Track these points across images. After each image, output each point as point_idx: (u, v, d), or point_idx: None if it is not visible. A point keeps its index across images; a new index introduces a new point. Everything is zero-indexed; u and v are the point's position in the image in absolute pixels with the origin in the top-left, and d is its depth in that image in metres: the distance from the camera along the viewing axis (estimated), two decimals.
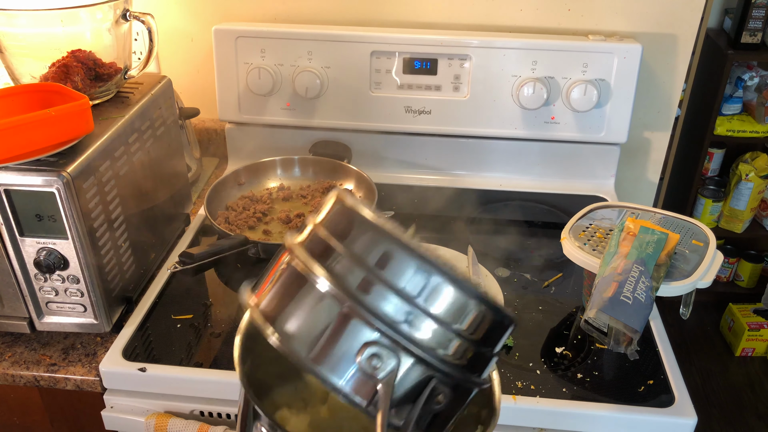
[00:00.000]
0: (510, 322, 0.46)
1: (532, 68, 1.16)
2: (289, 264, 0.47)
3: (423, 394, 0.44)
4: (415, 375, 0.43)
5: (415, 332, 0.43)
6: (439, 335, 0.43)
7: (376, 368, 0.42)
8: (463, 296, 0.43)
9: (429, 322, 0.43)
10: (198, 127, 1.35)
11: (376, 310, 0.42)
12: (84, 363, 0.86)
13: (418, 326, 0.43)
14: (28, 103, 0.83)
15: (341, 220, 0.46)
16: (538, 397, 0.80)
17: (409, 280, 0.43)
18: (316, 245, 0.46)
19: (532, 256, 1.07)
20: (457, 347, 0.44)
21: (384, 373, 0.42)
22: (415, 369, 0.43)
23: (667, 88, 1.26)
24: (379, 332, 0.42)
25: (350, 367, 0.43)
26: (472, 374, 0.46)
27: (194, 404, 0.85)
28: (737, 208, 2.36)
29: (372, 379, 0.43)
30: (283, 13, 1.26)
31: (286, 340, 0.44)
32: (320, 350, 0.43)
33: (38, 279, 0.82)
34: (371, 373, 0.42)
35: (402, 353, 0.43)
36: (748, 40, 2.10)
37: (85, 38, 0.91)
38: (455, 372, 0.44)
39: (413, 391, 0.44)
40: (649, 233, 0.84)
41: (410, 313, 0.42)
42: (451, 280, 0.43)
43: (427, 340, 0.43)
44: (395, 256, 0.43)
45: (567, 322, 0.93)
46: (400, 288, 0.43)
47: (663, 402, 0.80)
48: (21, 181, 0.76)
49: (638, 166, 1.33)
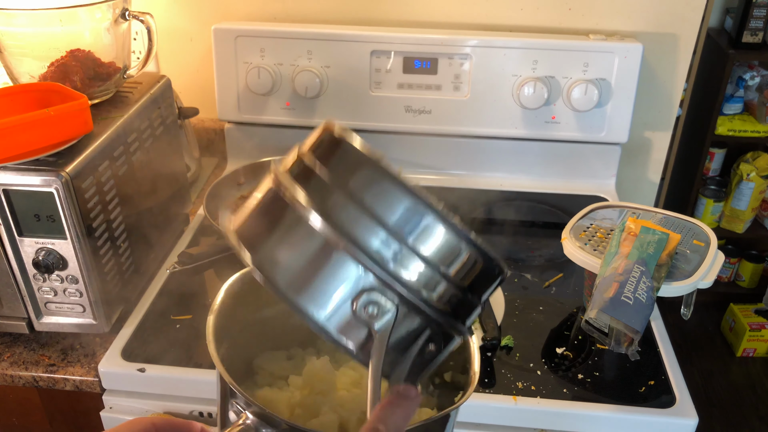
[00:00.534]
0: (500, 271, 0.45)
1: (532, 68, 1.15)
2: (274, 193, 0.45)
3: (416, 344, 0.44)
4: (410, 324, 0.43)
5: (405, 272, 0.41)
6: (428, 277, 0.42)
7: (372, 316, 0.41)
8: (456, 239, 0.42)
9: (419, 262, 0.41)
10: (197, 126, 1.35)
11: (367, 247, 0.41)
12: (83, 363, 0.86)
13: (408, 266, 0.41)
14: (27, 102, 0.82)
15: (331, 151, 0.44)
16: (539, 397, 0.80)
17: (402, 219, 0.41)
18: (304, 175, 0.44)
19: (532, 257, 1.07)
20: (444, 291, 0.43)
21: (381, 323, 0.42)
22: (409, 318, 0.42)
23: (668, 87, 1.25)
24: (369, 271, 0.41)
25: (341, 309, 0.42)
26: (456, 321, 0.45)
27: (193, 405, 0.85)
28: (738, 208, 2.35)
29: (365, 325, 0.42)
30: (282, 13, 1.25)
31: (267, 268, 0.43)
32: (305, 284, 0.42)
33: (37, 279, 0.82)
34: (366, 321, 0.42)
35: (396, 299, 0.41)
36: (749, 39, 2.10)
37: (84, 38, 0.91)
38: (442, 318, 0.43)
39: (406, 340, 0.43)
40: (650, 233, 0.84)
41: (400, 252, 0.41)
42: (444, 221, 0.42)
43: (416, 282, 0.42)
44: (388, 192, 0.41)
45: (568, 323, 0.93)
46: (393, 226, 0.41)
47: (664, 402, 0.80)
48: (20, 181, 0.75)
49: (639, 166, 1.33)
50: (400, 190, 0.42)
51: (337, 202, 0.42)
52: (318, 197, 0.43)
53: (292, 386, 0.64)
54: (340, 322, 0.42)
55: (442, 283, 0.43)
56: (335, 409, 0.60)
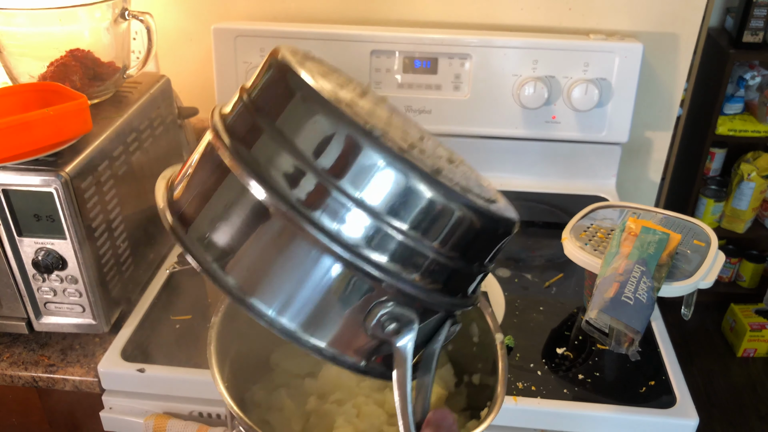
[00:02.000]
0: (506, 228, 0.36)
1: (532, 67, 1.15)
2: (212, 149, 0.36)
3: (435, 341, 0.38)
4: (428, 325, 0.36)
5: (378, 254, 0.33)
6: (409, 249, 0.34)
7: (392, 333, 0.35)
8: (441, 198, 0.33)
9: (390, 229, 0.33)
10: (197, 126, 1.35)
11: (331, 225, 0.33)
12: (82, 364, 0.86)
13: (385, 246, 0.33)
14: (27, 102, 0.82)
15: (279, 89, 0.35)
16: (539, 398, 0.80)
17: (372, 185, 0.32)
18: (244, 128, 0.35)
19: (533, 257, 1.07)
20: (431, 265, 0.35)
21: (404, 339, 0.35)
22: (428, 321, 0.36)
23: (669, 87, 1.25)
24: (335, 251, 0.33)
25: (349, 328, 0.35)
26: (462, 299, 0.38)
27: (193, 405, 0.85)
28: (739, 208, 2.35)
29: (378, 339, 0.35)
30: (282, 12, 1.25)
31: (203, 259, 0.35)
32: (255, 277, 0.34)
33: (36, 279, 0.82)
34: (387, 339, 0.35)
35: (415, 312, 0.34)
36: (750, 39, 2.10)
37: (84, 37, 0.91)
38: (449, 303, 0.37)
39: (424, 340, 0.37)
40: (650, 233, 0.83)
41: (377, 230, 0.33)
42: (422, 178, 0.33)
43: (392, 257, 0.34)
44: (352, 151, 0.32)
45: (568, 323, 0.93)
46: (353, 188, 0.33)
47: (664, 403, 0.79)
48: (19, 180, 0.75)
49: (639, 166, 1.33)
50: (362, 137, 0.32)
51: (283, 163, 0.33)
52: (267, 173, 0.34)
53: (308, 390, 0.62)
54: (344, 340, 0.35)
55: (430, 257, 0.35)
56: (351, 420, 0.58)
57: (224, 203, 0.35)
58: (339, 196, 0.33)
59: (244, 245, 0.35)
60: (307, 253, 0.34)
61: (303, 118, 0.32)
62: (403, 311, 0.35)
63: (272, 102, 0.34)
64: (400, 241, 0.34)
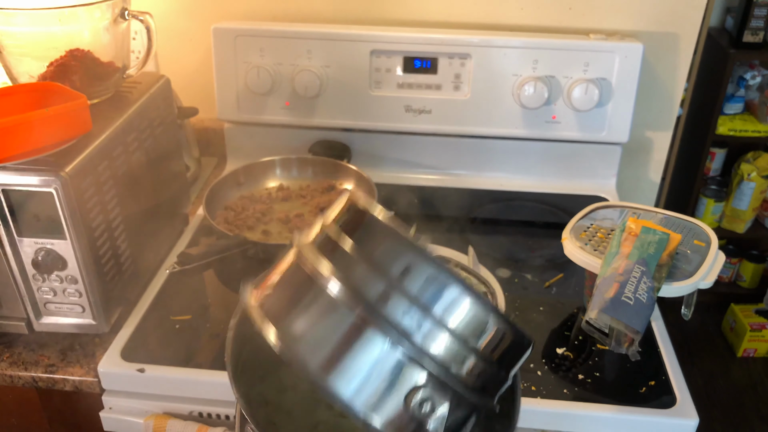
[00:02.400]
0: (528, 343, 0.44)
1: (533, 67, 1.15)
2: (297, 265, 0.44)
3: (466, 428, 0.43)
4: (457, 414, 0.42)
5: (432, 346, 0.40)
6: (460, 354, 0.41)
7: (426, 414, 0.41)
8: (484, 311, 0.41)
9: (450, 338, 0.41)
10: (197, 126, 1.35)
11: (398, 323, 0.40)
12: (82, 364, 0.86)
13: (436, 340, 0.41)
14: (26, 102, 0.82)
15: (356, 224, 0.43)
16: (539, 398, 0.80)
17: (431, 293, 0.40)
18: (328, 248, 0.43)
19: (533, 257, 1.07)
20: (474, 367, 0.42)
21: (436, 421, 0.41)
22: (458, 409, 0.42)
23: (669, 87, 1.25)
24: (401, 346, 0.40)
25: (387, 402, 0.40)
26: (488, 398, 0.44)
27: (193, 405, 0.85)
28: (739, 208, 2.35)
29: (414, 420, 0.41)
30: (282, 12, 1.25)
31: (295, 347, 0.41)
32: (338, 366, 0.41)
33: (36, 279, 0.82)
34: (420, 417, 0.40)
35: (449, 395, 0.40)
36: (750, 39, 2.10)
37: (84, 37, 0.91)
38: (477, 399, 0.42)
39: (453, 429, 0.42)
40: (650, 233, 0.83)
41: (428, 327, 0.40)
42: (471, 294, 0.41)
43: (444, 356, 0.41)
44: (414, 266, 0.41)
45: (568, 323, 0.93)
46: (422, 300, 0.40)
47: (664, 403, 0.79)
48: (19, 181, 0.75)
49: (640, 166, 1.33)
50: (429, 264, 0.40)
51: (364, 276, 0.41)
52: (344, 270, 0.41)
53: (319, 397, 0.62)
54: (387, 416, 0.40)
55: (472, 359, 0.42)
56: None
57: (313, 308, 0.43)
58: (427, 318, 0.41)
59: (335, 342, 0.42)
60: (382, 345, 0.41)
61: (414, 271, 0.41)
62: (440, 398, 0.41)
63: (379, 251, 0.43)
64: (456, 344, 0.42)
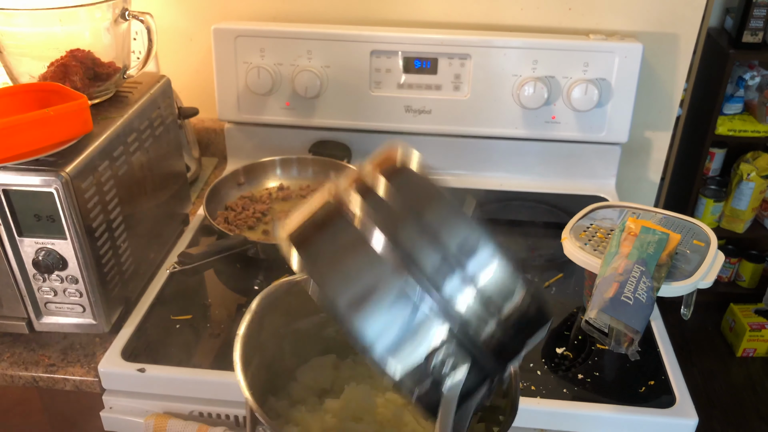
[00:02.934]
0: (548, 318, 0.44)
1: (532, 67, 1.15)
2: (335, 208, 0.43)
3: (476, 397, 0.43)
4: (472, 379, 0.42)
5: (459, 301, 0.40)
6: (482, 311, 0.41)
7: (446, 373, 0.41)
8: (513, 276, 0.41)
9: (478, 297, 0.41)
10: (197, 126, 1.35)
11: (431, 276, 0.40)
12: (83, 363, 0.86)
13: (463, 296, 0.41)
14: (27, 102, 0.82)
15: (395, 175, 0.43)
16: (539, 397, 0.80)
17: (463, 248, 0.41)
18: (365, 190, 0.43)
19: (532, 256, 1.07)
20: (494, 330, 0.42)
21: (453, 382, 0.41)
22: (473, 373, 0.42)
23: (668, 87, 1.25)
24: (429, 296, 0.40)
25: (410, 354, 0.40)
26: (503, 365, 0.44)
27: (193, 405, 0.85)
28: (738, 208, 2.35)
29: (432, 376, 0.41)
30: (282, 12, 1.25)
31: (319, 279, 0.41)
32: (362, 304, 0.41)
33: (37, 279, 0.82)
34: (438, 376, 0.41)
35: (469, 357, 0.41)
36: (750, 39, 2.10)
37: (84, 37, 0.91)
38: (493, 363, 0.43)
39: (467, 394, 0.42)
40: (650, 233, 0.84)
41: (457, 282, 0.40)
42: (503, 256, 0.41)
43: (469, 314, 0.41)
44: (451, 220, 0.41)
45: (568, 323, 0.93)
46: (454, 253, 0.40)
47: (664, 402, 0.80)
48: (19, 181, 0.75)
49: (639, 166, 1.33)
50: (466, 221, 0.41)
51: (400, 221, 0.41)
52: (380, 212, 0.41)
53: (328, 410, 0.63)
54: (406, 366, 0.41)
55: (494, 323, 0.42)
56: None
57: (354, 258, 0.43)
58: (457, 273, 0.42)
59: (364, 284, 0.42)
60: (411, 292, 0.41)
61: (451, 226, 0.42)
62: (461, 360, 0.41)
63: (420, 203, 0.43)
64: (482, 304, 0.42)
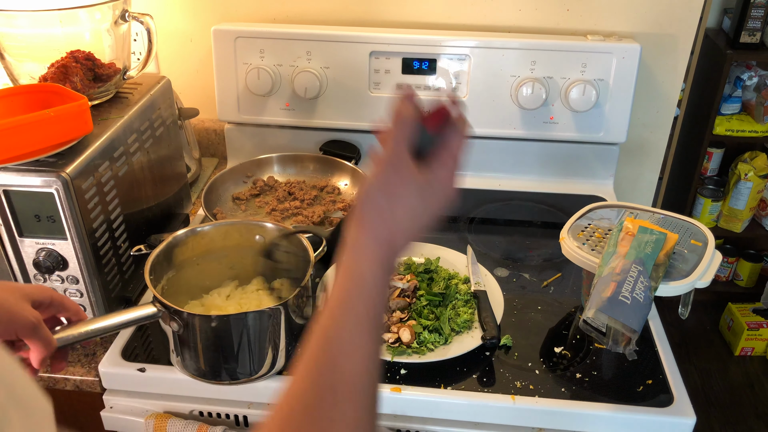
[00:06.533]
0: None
1: (530, 68, 1.16)
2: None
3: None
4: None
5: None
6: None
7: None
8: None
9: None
10: (197, 127, 1.35)
11: None
12: (83, 363, 0.86)
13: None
14: (27, 103, 0.83)
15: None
16: (537, 396, 0.80)
17: None
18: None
19: (531, 256, 1.07)
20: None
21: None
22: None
23: (666, 87, 1.26)
24: None
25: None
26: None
27: (193, 404, 0.85)
28: (736, 208, 2.36)
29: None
30: (282, 14, 1.26)
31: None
32: None
33: (37, 279, 0.82)
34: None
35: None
36: (747, 39, 2.11)
37: (84, 39, 0.91)
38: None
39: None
40: (647, 233, 0.84)
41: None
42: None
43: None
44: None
45: (566, 322, 0.93)
46: None
47: (662, 402, 0.80)
48: (20, 181, 0.76)
49: (637, 166, 1.34)
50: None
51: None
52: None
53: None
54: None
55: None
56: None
57: None
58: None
59: None
60: None
61: None
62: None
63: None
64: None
